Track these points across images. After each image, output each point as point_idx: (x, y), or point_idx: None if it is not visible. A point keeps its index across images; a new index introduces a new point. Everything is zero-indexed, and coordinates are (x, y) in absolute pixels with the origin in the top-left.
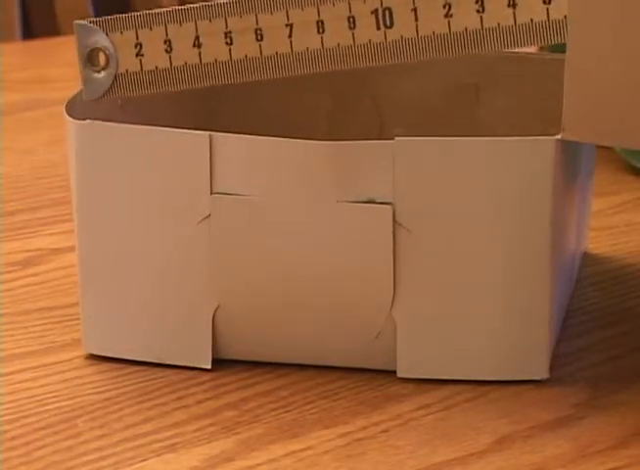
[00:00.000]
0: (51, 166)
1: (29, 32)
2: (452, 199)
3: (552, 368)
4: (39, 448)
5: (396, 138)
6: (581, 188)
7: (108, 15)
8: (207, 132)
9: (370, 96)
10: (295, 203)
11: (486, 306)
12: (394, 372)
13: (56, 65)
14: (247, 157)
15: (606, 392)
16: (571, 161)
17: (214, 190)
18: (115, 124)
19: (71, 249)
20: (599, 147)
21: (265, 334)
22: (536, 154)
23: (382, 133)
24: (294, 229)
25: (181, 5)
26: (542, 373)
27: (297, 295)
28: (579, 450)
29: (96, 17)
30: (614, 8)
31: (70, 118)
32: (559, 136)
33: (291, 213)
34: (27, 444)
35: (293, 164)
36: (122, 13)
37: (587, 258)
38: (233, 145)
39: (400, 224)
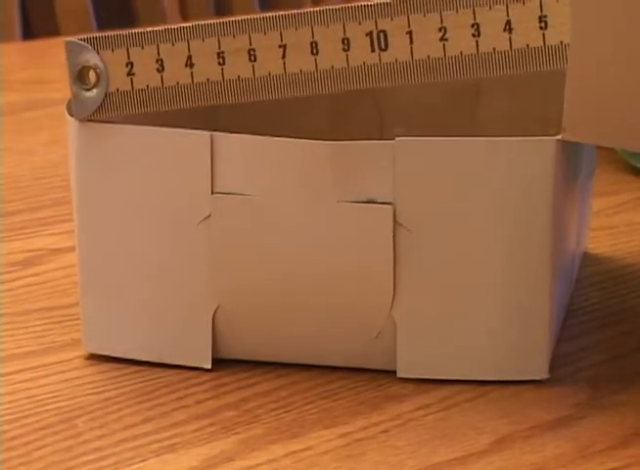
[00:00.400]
0: (51, 167)
1: (29, 32)
2: (453, 199)
3: (552, 368)
4: (39, 449)
5: (397, 138)
6: (582, 188)
7: (109, 14)
8: (208, 132)
9: (370, 96)
10: (295, 203)
11: (486, 306)
12: (394, 372)
13: (56, 65)
14: (247, 156)
15: (606, 392)
16: (572, 161)
17: (215, 190)
18: (116, 124)
19: (72, 249)
20: (599, 147)
21: (265, 334)
22: (537, 154)
23: (382, 133)
24: (294, 229)
25: (182, 6)
26: (542, 373)
27: (298, 295)
28: (579, 450)
29: (96, 16)
30: (615, 11)
31: (71, 118)
32: (559, 137)
33: (291, 213)
34: (27, 444)
35: (293, 164)
36: (123, 13)
37: (587, 258)
38: (234, 145)
39: (401, 224)
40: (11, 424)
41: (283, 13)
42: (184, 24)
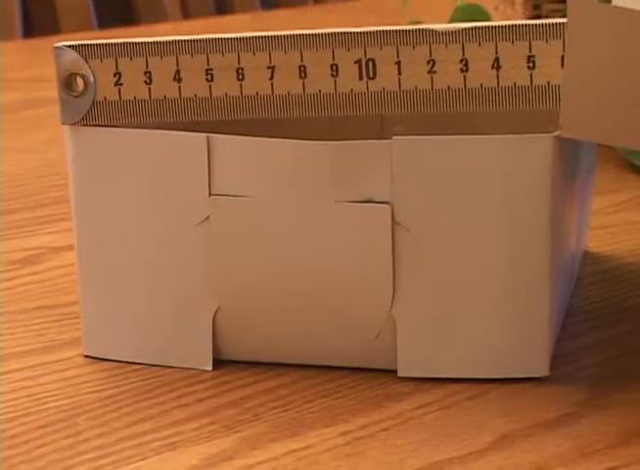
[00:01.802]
0: (51, 165)
1: (30, 30)
2: (451, 197)
3: (552, 367)
4: (39, 447)
5: (394, 137)
6: (581, 186)
7: (109, 13)
8: (205, 134)
9: None
10: (293, 203)
11: (486, 305)
12: (395, 371)
13: None
14: (245, 158)
15: (605, 391)
16: (571, 159)
17: (213, 192)
18: (112, 128)
19: (71, 247)
20: (599, 145)
21: (266, 335)
22: (534, 151)
23: (383, 132)
24: (293, 230)
25: (183, 4)
26: (542, 370)
27: (297, 295)
28: (579, 449)
29: (97, 15)
30: (612, 10)
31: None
32: (556, 133)
33: (290, 214)
34: (28, 442)
35: (290, 165)
36: (124, 11)
37: (587, 257)
38: (231, 146)
39: (399, 223)
40: (11, 422)
41: (272, 34)
42: (173, 38)
